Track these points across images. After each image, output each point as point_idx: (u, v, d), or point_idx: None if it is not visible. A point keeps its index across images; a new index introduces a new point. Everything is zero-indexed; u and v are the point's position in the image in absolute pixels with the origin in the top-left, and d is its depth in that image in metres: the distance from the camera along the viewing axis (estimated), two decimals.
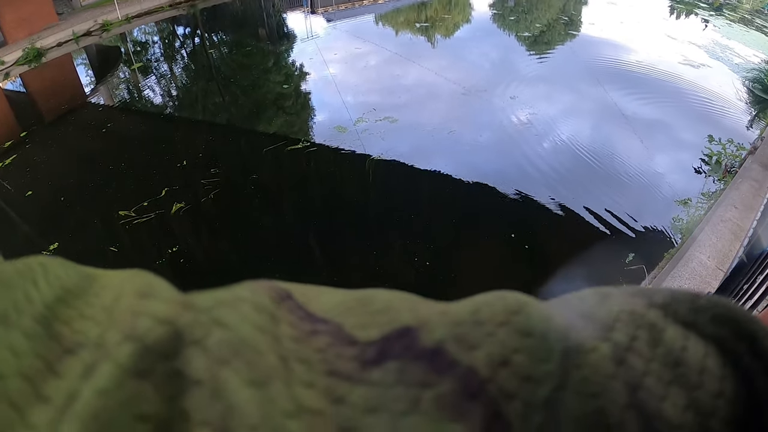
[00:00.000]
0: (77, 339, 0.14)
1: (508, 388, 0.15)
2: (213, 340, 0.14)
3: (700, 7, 14.82)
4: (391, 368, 0.15)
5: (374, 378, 0.15)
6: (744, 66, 9.84)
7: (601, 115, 7.65)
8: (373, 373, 0.15)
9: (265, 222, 5.58)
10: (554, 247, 5.01)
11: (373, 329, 0.16)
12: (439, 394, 0.14)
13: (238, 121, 7.93)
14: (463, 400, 0.14)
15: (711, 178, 5.99)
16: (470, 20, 13.30)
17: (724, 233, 4.38)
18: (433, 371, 0.15)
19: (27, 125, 8.00)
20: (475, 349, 0.15)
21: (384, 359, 0.15)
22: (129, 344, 0.13)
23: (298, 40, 11.71)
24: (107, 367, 0.13)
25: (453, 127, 7.09)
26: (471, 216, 5.47)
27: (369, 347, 0.15)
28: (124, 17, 12.48)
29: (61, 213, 5.78)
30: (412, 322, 0.16)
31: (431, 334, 0.16)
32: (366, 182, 6.11)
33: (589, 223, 5.27)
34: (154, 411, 0.12)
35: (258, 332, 0.15)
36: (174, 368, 0.13)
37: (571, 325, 0.17)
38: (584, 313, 0.18)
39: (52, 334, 0.14)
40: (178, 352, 0.14)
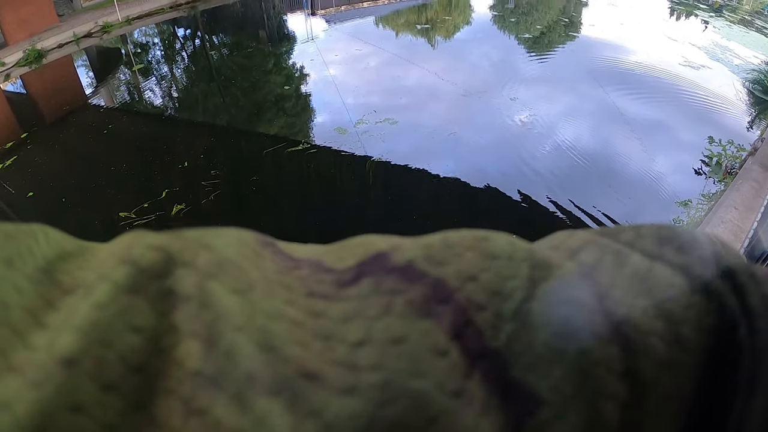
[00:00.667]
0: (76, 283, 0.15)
1: (477, 299, 0.15)
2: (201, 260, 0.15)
3: (700, 9, 14.83)
4: (366, 284, 0.16)
5: (350, 294, 0.15)
6: (744, 67, 9.83)
7: (601, 116, 7.65)
8: (349, 290, 0.16)
9: (266, 224, 5.58)
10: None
11: (350, 259, 0.17)
12: (409, 298, 0.15)
13: (239, 122, 7.93)
14: (432, 304, 0.15)
15: (711, 179, 5.99)
16: (470, 22, 13.30)
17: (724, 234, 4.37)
18: (405, 281, 0.16)
19: (28, 126, 8.01)
20: (444, 265, 0.16)
21: (360, 278, 0.16)
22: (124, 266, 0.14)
23: (298, 42, 11.72)
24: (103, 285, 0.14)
25: (453, 129, 7.09)
26: (472, 217, 5.46)
27: (346, 272, 0.16)
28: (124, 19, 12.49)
29: (62, 214, 5.79)
30: (385, 248, 0.17)
31: (402, 254, 0.17)
32: (366, 184, 6.11)
33: (588, 225, 5.27)
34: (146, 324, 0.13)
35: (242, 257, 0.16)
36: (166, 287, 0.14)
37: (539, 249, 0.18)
38: (553, 245, 0.20)
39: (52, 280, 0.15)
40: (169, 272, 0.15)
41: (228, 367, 0.13)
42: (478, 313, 0.15)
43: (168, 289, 0.14)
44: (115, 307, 0.13)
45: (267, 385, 0.13)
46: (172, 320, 0.14)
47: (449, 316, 0.15)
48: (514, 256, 0.17)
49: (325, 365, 0.14)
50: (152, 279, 0.14)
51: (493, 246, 0.17)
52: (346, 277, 0.16)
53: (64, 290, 0.14)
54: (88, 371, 0.12)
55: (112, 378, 0.12)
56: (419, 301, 0.15)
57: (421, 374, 0.14)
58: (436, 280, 0.16)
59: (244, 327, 0.14)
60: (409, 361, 0.14)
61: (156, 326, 0.13)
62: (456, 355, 0.14)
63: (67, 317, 0.13)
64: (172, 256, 0.15)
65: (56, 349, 0.12)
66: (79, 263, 0.16)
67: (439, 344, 0.14)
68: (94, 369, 0.12)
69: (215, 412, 0.12)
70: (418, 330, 0.14)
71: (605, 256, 0.18)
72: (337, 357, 0.14)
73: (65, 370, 0.12)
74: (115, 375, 0.13)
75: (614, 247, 0.19)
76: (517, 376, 0.14)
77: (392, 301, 0.15)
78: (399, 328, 0.14)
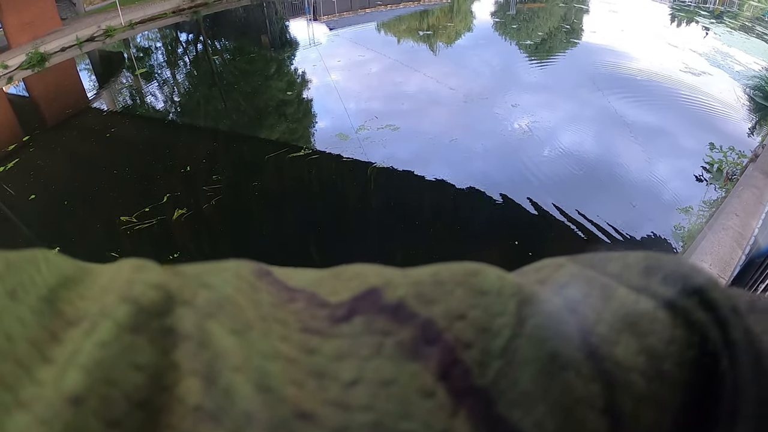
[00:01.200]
0: (79, 314, 0.15)
1: (466, 338, 0.16)
2: (200, 299, 0.16)
3: (701, 15, 14.87)
4: (358, 322, 0.16)
5: (343, 331, 0.16)
6: (745, 73, 9.85)
7: (602, 122, 7.66)
8: (342, 327, 0.16)
9: (267, 229, 5.58)
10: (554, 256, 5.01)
11: (344, 293, 0.18)
12: (399, 340, 0.16)
13: (241, 127, 7.95)
14: (420, 345, 0.16)
15: (712, 185, 5.99)
16: (472, 28, 13.35)
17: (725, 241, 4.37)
18: (395, 321, 0.16)
19: (30, 129, 8.04)
20: (434, 304, 0.17)
21: (353, 315, 0.17)
22: (125, 305, 0.15)
23: (300, 48, 11.76)
24: (106, 323, 0.14)
25: (454, 135, 7.10)
26: (472, 224, 5.47)
27: (339, 307, 0.17)
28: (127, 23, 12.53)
29: (63, 217, 5.80)
30: (377, 283, 0.18)
31: (394, 292, 0.17)
32: (367, 190, 6.12)
33: (590, 231, 5.27)
34: (148, 362, 0.14)
35: (239, 293, 0.16)
36: (166, 325, 0.15)
37: (527, 285, 0.19)
38: (540, 279, 0.20)
39: (55, 311, 0.15)
40: (170, 311, 0.15)
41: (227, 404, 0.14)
42: (466, 351, 0.16)
43: (168, 328, 0.15)
44: (118, 346, 0.14)
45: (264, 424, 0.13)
46: (173, 358, 0.14)
47: (437, 357, 0.15)
48: (503, 291, 0.18)
49: (318, 405, 0.14)
50: (153, 318, 0.15)
51: (483, 282, 0.18)
52: (339, 312, 0.17)
53: (66, 321, 0.15)
54: (93, 409, 0.13)
55: (116, 415, 0.13)
56: (408, 342, 0.16)
57: (409, 416, 0.14)
58: (425, 321, 0.16)
59: (242, 367, 0.14)
60: (398, 403, 0.14)
61: (157, 364, 0.14)
62: (443, 396, 0.15)
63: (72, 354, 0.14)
64: (172, 295, 0.16)
65: (63, 388, 0.13)
66: (81, 291, 0.16)
67: (427, 386, 0.15)
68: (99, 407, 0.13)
69: None
70: (406, 372, 0.15)
71: (592, 291, 0.19)
72: (330, 397, 0.15)
73: (72, 408, 0.13)
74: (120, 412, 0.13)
75: (601, 281, 0.19)
76: (503, 412, 0.15)
77: (383, 342, 0.16)
78: (389, 370, 0.15)
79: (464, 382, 0.15)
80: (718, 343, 0.18)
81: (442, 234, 5.28)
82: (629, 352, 0.17)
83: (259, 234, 5.50)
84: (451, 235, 5.27)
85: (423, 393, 0.15)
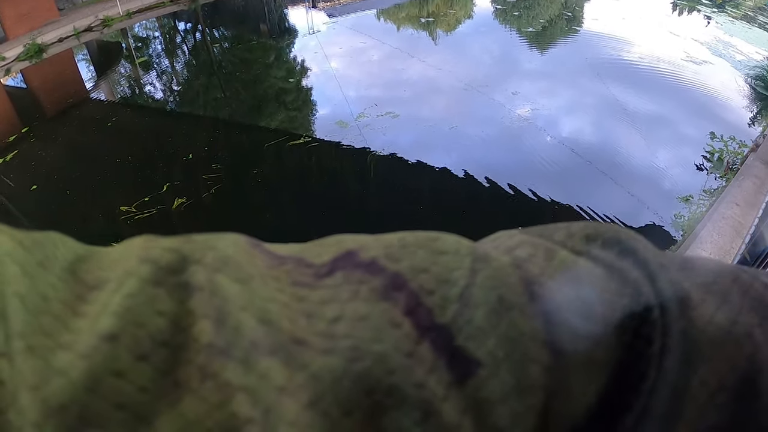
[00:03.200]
0: (99, 281, 0.18)
1: (428, 286, 0.19)
2: (208, 258, 0.18)
3: (703, 4, 14.77)
4: (339, 276, 0.20)
5: (327, 283, 0.19)
6: (746, 63, 9.81)
7: (602, 110, 7.65)
8: (326, 281, 0.20)
9: (267, 217, 5.59)
10: None
11: (326, 256, 0.21)
12: (372, 287, 0.19)
13: (240, 116, 7.93)
14: (390, 291, 0.19)
15: (713, 175, 5.99)
16: (472, 15, 13.27)
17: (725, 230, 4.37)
18: (369, 274, 0.19)
19: (29, 121, 8.01)
20: (401, 261, 0.20)
21: (333, 271, 0.20)
22: (146, 265, 0.18)
23: (299, 36, 11.70)
24: (132, 279, 0.17)
25: (454, 122, 7.09)
26: (472, 210, 5.47)
27: (323, 266, 0.20)
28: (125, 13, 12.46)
29: (63, 208, 5.80)
30: (354, 246, 0.21)
31: (368, 252, 0.20)
32: (367, 177, 6.11)
33: (590, 218, 5.28)
34: (168, 309, 0.17)
35: (240, 254, 0.19)
36: (182, 280, 0.18)
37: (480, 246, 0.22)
38: (494, 245, 0.24)
39: (77, 278, 0.18)
40: (184, 269, 0.18)
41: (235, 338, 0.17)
42: (428, 297, 0.19)
43: (184, 282, 0.17)
44: (143, 296, 0.17)
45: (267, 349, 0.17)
46: (189, 306, 0.17)
47: (404, 299, 0.19)
48: (460, 251, 0.21)
49: (309, 335, 0.18)
50: (170, 274, 0.18)
51: (443, 244, 0.21)
52: (323, 270, 0.20)
53: (89, 286, 0.18)
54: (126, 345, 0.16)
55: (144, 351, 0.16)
56: (380, 288, 0.19)
57: (381, 340, 0.18)
58: (394, 273, 0.20)
59: (247, 307, 0.17)
60: (371, 331, 0.18)
61: (176, 311, 0.17)
62: (408, 327, 0.18)
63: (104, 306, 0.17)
64: (185, 255, 0.18)
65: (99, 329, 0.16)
66: (96, 264, 0.19)
67: (395, 319, 0.18)
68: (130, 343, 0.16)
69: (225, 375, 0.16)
70: (378, 309, 0.18)
71: (537, 252, 0.22)
72: (318, 329, 0.18)
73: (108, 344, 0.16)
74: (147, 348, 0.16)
75: (546, 245, 0.23)
76: (461, 344, 0.18)
77: (359, 289, 0.19)
78: (364, 308, 0.18)
79: (427, 320, 0.19)
80: (650, 293, 0.21)
81: (442, 221, 5.29)
82: (566, 298, 0.20)
83: (259, 222, 5.50)
84: (451, 222, 5.25)
85: (392, 324, 0.18)
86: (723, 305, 0.21)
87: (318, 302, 0.19)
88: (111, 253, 0.20)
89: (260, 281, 0.19)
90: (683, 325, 0.20)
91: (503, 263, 0.21)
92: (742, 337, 0.21)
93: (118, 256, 0.19)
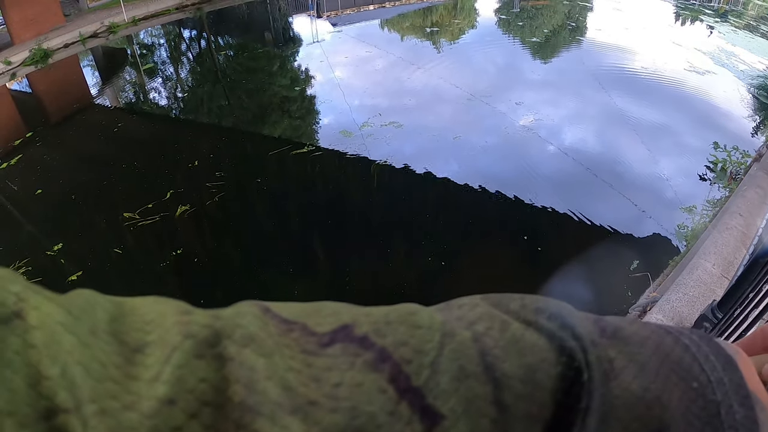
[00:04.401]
0: (139, 343, 0.22)
1: (407, 357, 0.25)
2: (237, 334, 0.23)
3: (705, 14, 14.81)
4: (338, 347, 0.25)
5: (328, 353, 0.24)
6: (749, 73, 9.82)
7: (606, 120, 7.65)
8: (327, 350, 0.25)
9: (270, 226, 5.59)
10: (558, 254, 4.99)
11: (326, 325, 0.26)
12: (365, 359, 0.24)
13: (244, 124, 7.95)
14: (378, 363, 0.24)
15: (716, 185, 5.98)
16: (476, 26, 13.32)
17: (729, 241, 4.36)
18: (361, 348, 0.25)
19: (33, 125, 8.05)
20: (386, 336, 0.26)
21: (333, 342, 0.25)
22: (189, 340, 0.22)
23: (304, 44, 11.75)
24: (179, 353, 0.22)
25: (458, 132, 7.10)
26: (476, 221, 5.47)
27: (324, 336, 0.25)
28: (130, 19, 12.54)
29: (68, 213, 5.81)
30: (348, 321, 0.26)
31: (360, 328, 0.26)
32: (371, 187, 6.12)
33: (593, 229, 5.27)
34: (209, 376, 0.21)
35: (259, 329, 0.24)
36: (217, 352, 0.22)
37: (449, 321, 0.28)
38: (459, 316, 0.29)
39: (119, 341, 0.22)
40: (218, 343, 0.23)
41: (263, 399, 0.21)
42: (407, 365, 0.25)
43: (219, 354, 0.22)
44: (190, 368, 0.21)
45: (288, 409, 0.22)
46: (224, 373, 0.22)
47: (388, 369, 0.24)
48: (432, 326, 0.27)
49: (319, 396, 0.23)
50: (208, 348, 0.22)
51: (419, 319, 0.27)
52: (324, 339, 0.25)
53: (132, 349, 0.22)
54: (180, 407, 0.20)
55: (194, 410, 0.20)
56: (371, 361, 0.24)
57: (372, 403, 0.23)
58: (381, 348, 0.25)
59: (271, 376, 0.23)
60: (365, 396, 0.23)
61: (214, 377, 0.21)
62: (392, 392, 0.24)
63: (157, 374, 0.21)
64: (218, 331, 0.23)
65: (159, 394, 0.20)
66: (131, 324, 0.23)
67: (382, 386, 0.24)
68: (184, 406, 0.20)
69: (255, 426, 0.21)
70: (370, 378, 0.24)
71: (494, 325, 0.27)
72: (324, 392, 0.23)
73: (167, 407, 0.20)
74: (196, 409, 0.20)
75: (501, 318, 0.28)
76: (430, 402, 0.24)
77: (355, 361, 0.24)
78: (359, 377, 0.24)
79: (405, 384, 0.24)
80: (582, 362, 0.26)
81: (444, 230, 5.28)
82: (513, 366, 0.26)
83: (262, 230, 5.50)
84: (455, 232, 5.27)
85: (380, 390, 0.24)
86: (640, 373, 0.26)
87: (323, 368, 0.24)
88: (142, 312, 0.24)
89: (279, 355, 0.24)
90: (603, 391, 0.25)
91: (465, 338, 0.27)
92: (652, 400, 0.25)
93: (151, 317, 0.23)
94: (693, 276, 3.74)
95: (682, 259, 4.44)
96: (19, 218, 5.83)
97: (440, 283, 4.60)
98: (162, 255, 5.03)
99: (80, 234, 5.47)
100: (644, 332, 0.29)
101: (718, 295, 3.15)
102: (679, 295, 3.45)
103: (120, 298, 0.25)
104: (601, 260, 4.82)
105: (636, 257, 4.76)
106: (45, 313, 0.21)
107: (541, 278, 4.62)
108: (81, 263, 5.00)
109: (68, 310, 0.22)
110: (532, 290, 4.33)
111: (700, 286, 3.65)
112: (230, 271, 4.93)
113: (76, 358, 0.20)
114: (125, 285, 4.82)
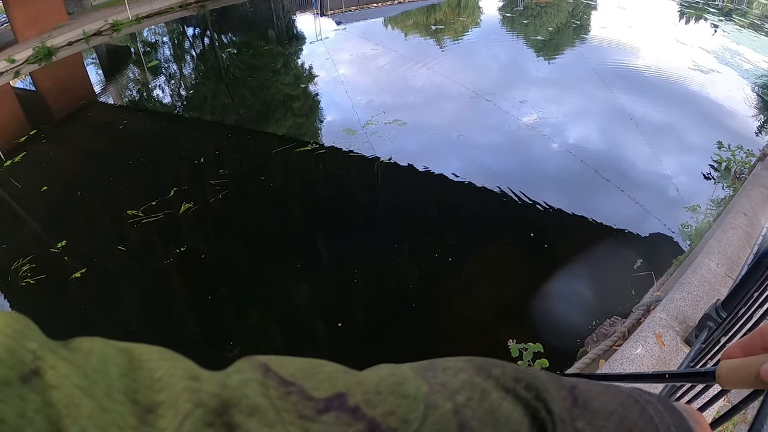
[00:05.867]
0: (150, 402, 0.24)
1: (393, 426, 0.28)
2: (243, 404, 0.26)
3: (710, 13, 14.77)
4: (333, 414, 0.27)
5: (323, 419, 0.27)
6: (753, 72, 9.79)
7: (609, 119, 7.64)
8: (323, 417, 0.27)
9: (274, 223, 5.60)
10: (562, 253, 4.98)
11: (322, 391, 0.28)
12: (356, 429, 0.27)
13: (248, 122, 7.96)
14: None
15: (720, 184, 5.96)
16: (480, 23, 13.30)
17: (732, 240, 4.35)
18: (354, 419, 0.27)
19: (37, 123, 8.07)
20: (376, 407, 0.28)
21: (329, 410, 0.27)
22: (200, 409, 0.24)
23: (307, 42, 11.75)
24: (191, 421, 0.24)
25: (462, 130, 7.10)
26: (480, 219, 5.46)
27: (320, 402, 0.28)
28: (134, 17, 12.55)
29: (70, 210, 5.82)
30: (343, 389, 0.29)
31: (353, 398, 0.28)
32: (375, 184, 6.12)
33: (597, 228, 5.26)
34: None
35: (262, 397, 0.27)
36: (225, 420, 0.25)
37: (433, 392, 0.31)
38: (443, 383, 0.31)
39: (132, 401, 0.23)
40: (226, 411, 0.25)
41: None
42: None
43: (227, 422, 0.25)
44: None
45: None
46: None
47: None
48: (418, 396, 0.30)
49: None
50: (217, 416, 0.25)
51: (407, 389, 0.30)
52: (320, 406, 0.27)
53: (145, 409, 0.23)
54: None
55: None
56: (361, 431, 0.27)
57: None
58: (371, 418, 0.28)
59: None
60: None
61: None
62: None
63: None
64: (225, 401, 0.25)
65: None
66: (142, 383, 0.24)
67: None
68: None
69: None
70: None
71: (474, 395, 0.31)
72: None
73: None
74: None
75: (482, 387, 0.31)
76: None
77: (348, 430, 0.27)
78: None
79: None
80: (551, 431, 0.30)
81: (448, 227, 5.28)
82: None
83: (266, 228, 5.51)
84: (460, 229, 5.26)
85: None
86: None
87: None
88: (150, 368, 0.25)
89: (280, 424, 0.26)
90: None
91: (446, 410, 0.30)
92: None
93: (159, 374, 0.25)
94: (697, 275, 3.73)
95: (686, 258, 4.44)
96: (23, 215, 5.85)
97: (447, 280, 4.61)
98: (166, 252, 5.04)
99: (84, 231, 5.48)
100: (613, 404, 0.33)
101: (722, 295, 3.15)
102: (683, 294, 3.44)
103: (126, 345, 0.26)
104: (604, 258, 4.81)
105: (640, 256, 4.75)
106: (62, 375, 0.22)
107: (545, 276, 4.61)
108: (85, 261, 5.01)
109: (84, 372, 0.23)
110: (535, 289, 4.35)
111: (704, 286, 3.64)
112: (234, 268, 4.94)
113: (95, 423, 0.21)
114: (129, 283, 4.84)
